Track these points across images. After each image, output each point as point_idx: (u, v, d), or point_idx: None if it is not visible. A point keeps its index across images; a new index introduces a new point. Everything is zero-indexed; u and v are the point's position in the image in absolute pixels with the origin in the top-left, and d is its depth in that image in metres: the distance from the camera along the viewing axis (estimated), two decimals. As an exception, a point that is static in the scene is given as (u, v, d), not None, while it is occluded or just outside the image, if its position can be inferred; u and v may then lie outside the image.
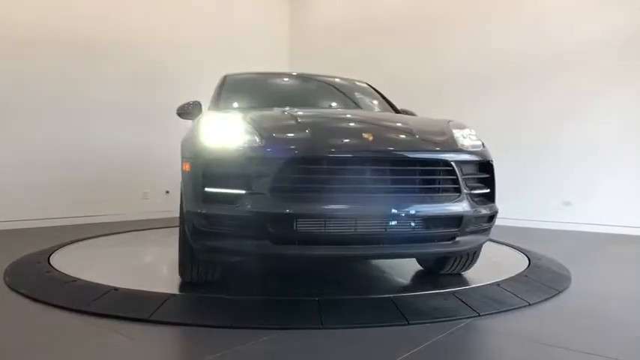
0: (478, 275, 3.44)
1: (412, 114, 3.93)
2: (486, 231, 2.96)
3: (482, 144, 3.05)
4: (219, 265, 3.07)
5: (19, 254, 3.95)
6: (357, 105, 4.15)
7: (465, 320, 2.53)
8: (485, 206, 2.86)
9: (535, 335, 2.35)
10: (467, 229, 2.75)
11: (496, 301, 2.83)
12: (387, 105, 4.21)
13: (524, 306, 2.80)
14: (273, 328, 2.37)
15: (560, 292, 3.12)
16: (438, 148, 2.83)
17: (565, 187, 6.49)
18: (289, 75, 4.67)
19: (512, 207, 6.86)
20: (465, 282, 3.14)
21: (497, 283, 3.14)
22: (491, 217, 2.93)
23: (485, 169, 2.93)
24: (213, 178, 2.62)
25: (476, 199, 2.81)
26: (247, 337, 2.24)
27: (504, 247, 4.74)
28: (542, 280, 3.35)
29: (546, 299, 2.96)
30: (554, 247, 4.98)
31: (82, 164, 6.35)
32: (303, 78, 4.61)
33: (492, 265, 3.98)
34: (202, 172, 2.63)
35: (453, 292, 2.89)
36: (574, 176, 6.44)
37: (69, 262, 3.63)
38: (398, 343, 2.22)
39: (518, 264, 3.81)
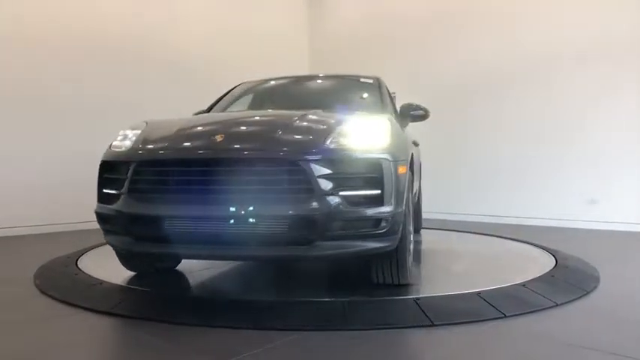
0: (503, 275, 3.39)
1: (422, 108, 3.84)
2: (375, 237, 2.66)
3: (379, 142, 2.74)
4: (142, 258, 3.33)
5: (48, 257, 4.03)
6: (337, 102, 4.02)
7: (490, 322, 2.50)
8: (364, 209, 2.59)
9: (563, 336, 2.31)
10: (330, 234, 2.54)
11: (522, 301, 2.79)
12: (379, 102, 4.00)
13: (552, 307, 2.75)
14: (298, 329, 2.38)
15: (588, 292, 3.06)
16: (286, 149, 2.65)
17: (592, 184, 6.38)
18: (292, 78, 4.66)
19: (537, 205, 6.78)
20: (489, 282, 3.10)
21: (523, 284, 3.09)
22: (378, 222, 2.63)
23: (371, 170, 2.64)
24: (102, 179, 2.97)
25: (349, 201, 2.56)
26: (273, 337, 2.25)
27: (530, 246, 4.68)
28: (569, 280, 3.30)
29: (574, 300, 2.90)
30: (582, 246, 4.90)
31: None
32: (303, 80, 4.65)
33: (518, 265, 3.93)
34: (98, 174, 2.99)
35: (478, 293, 2.85)
36: (601, 173, 6.32)
37: (96, 265, 3.69)
38: (423, 346, 2.21)
39: (544, 264, 3.75)
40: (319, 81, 4.70)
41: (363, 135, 2.75)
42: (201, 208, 2.61)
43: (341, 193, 2.55)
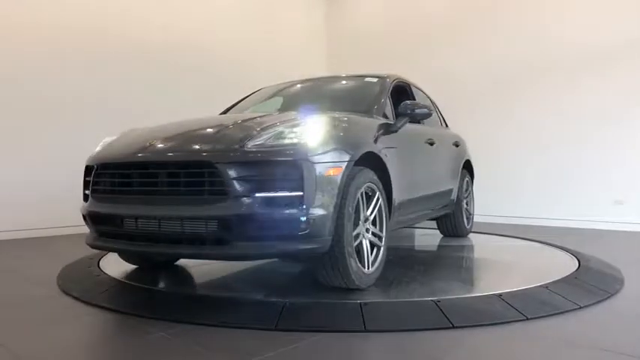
0: (525, 277, 3.35)
1: (423, 107, 3.76)
2: (297, 239, 2.62)
3: (305, 144, 2.67)
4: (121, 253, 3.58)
5: (71, 258, 4.10)
6: (329, 103, 4.05)
7: (512, 324, 2.47)
8: (282, 210, 2.57)
9: (586, 339, 2.27)
10: (247, 234, 2.57)
11: (545, 304, 2.75)
12: (369, 101, 3.87)
13: (575, 309, 2.70)
14: (316, 330, 2.37)
15: (612, 294, 3.01)
16: (205, 152, 2.73)
17: (617, 185, 6.27)
18: (301, 81, 4.71)
19: (560, 206, 6.69)
20: (511, 284, 3.06)
21: (546, 286, 3.04)
22: (298, 223, 2.60)
23: (290, 172, 2.60)
24: (84, 182, 3.21)
25: (267, 203, 2.55)
26: (290, 339, 2.25)
27: (552, 248, 4.61)
28: (593, 282, 3.24)
29: (598, 302, 2.85)
30: (606, 247, 4.82)
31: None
32: (308, 82, 4.66)
33: (540, 267, 3.88)
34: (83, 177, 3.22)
35: (499, 295, 2.81)
36: (624, 174, 6.21)
37: (118, 266, 3.73)
38: (443, 348, 2.19)
39: (567, 265, 3.69)
40: (323, 83, 4.67)
41: (290, 136, 2.73)
42: (137, 207, 2.80)
43: (258, 194, 2.56)
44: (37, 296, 3.12)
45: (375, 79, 4.25)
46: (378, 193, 3.17)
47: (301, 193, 2.59)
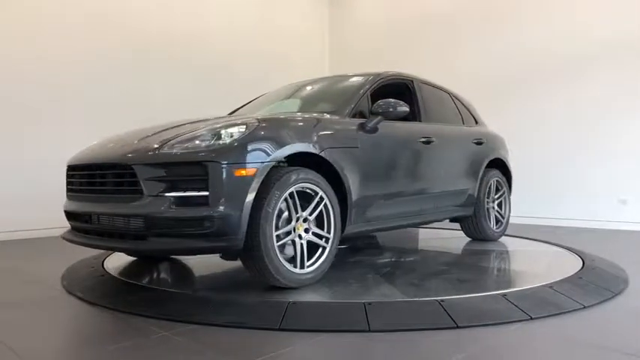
0: (529, 277, 3.35)
1: (400, 105, 3.61)
2: (203, 236, 2.71)
3: (214, 146, 2.75)
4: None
5: (75, 258, 4.11)
6: (315, 103, 4.20)
7: (516, 324, 2.47)
8: (187, 209, 2.69)
9: (591, 339, 2.27)
10: (159, 231, 2.73)
11: (549, 303, 2.74)
12: (346, 99, 3.76)
13: (579, 309, 2.70)
14: (320, 330, 2.38)
15: (616, 294, 3.01)
16: (126, 155, 2.92)
17: (621, 184, 6.25)
18: (304, 82, 4.71)
19: (563, 206, 6.67)
20: (515, 284, 3.06)
21: (550, 285, 3.03)
22: (202, 222, 2.68)
23: (196, 173, 2.71)
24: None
25: (176, 202, 2.69)
26: (295, 339, 2.26)
27: (556, 247, 4.60)
28: (597, 281, 3.23)
29: (602, 302, 2.85)
30: (610, 247, 4.80)
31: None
32: (311, 83, 4.65)
33: (544, 267, 3.88)
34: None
35: (504, 295, 2.81)
36: (629, 174, 6.19)
37: (122, 266, 3.75)
38: (447, 348, 2.19)
39: (571, 265, 3.68)
40: (313, 84, 4.60)
41: (206, 139, 2.83)
42: (85, 205, 3.13)
43: (168, 194, 2.73)
44: (41, 296, 3.13)
45: (361, 78, 4.11)
46: (320, 193, 3.12)
47: (206, 193, 2.69)
